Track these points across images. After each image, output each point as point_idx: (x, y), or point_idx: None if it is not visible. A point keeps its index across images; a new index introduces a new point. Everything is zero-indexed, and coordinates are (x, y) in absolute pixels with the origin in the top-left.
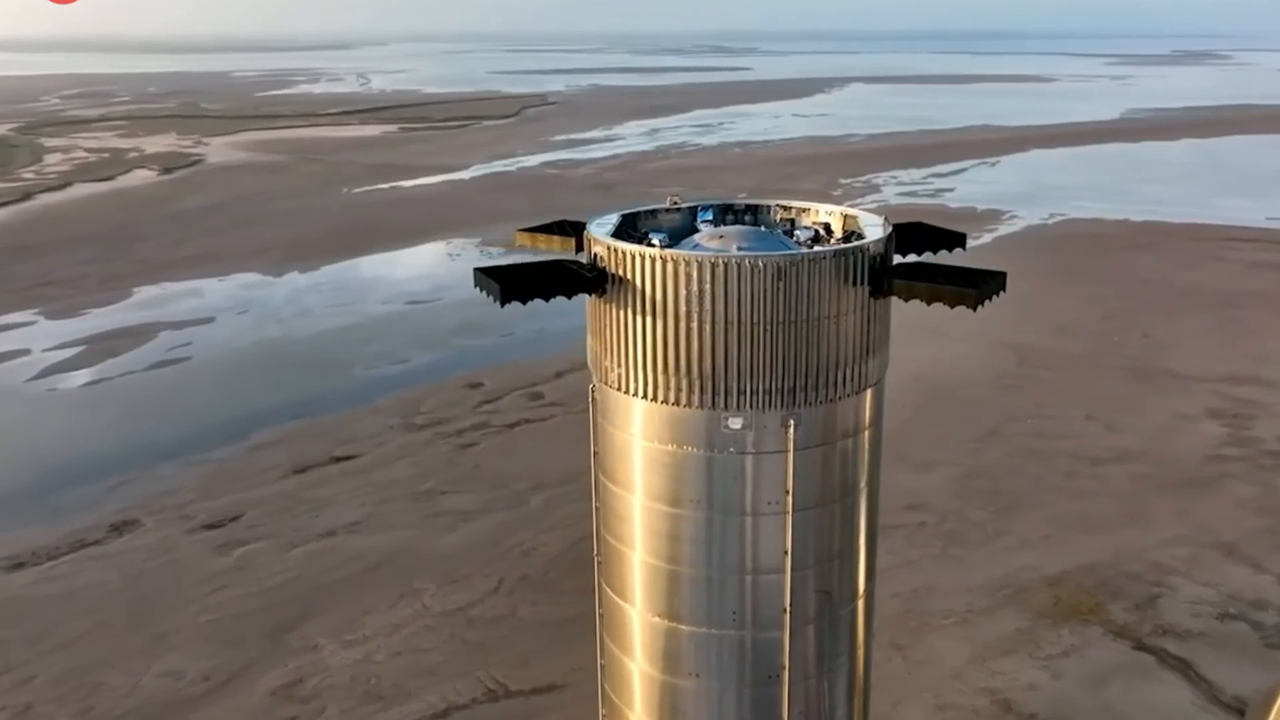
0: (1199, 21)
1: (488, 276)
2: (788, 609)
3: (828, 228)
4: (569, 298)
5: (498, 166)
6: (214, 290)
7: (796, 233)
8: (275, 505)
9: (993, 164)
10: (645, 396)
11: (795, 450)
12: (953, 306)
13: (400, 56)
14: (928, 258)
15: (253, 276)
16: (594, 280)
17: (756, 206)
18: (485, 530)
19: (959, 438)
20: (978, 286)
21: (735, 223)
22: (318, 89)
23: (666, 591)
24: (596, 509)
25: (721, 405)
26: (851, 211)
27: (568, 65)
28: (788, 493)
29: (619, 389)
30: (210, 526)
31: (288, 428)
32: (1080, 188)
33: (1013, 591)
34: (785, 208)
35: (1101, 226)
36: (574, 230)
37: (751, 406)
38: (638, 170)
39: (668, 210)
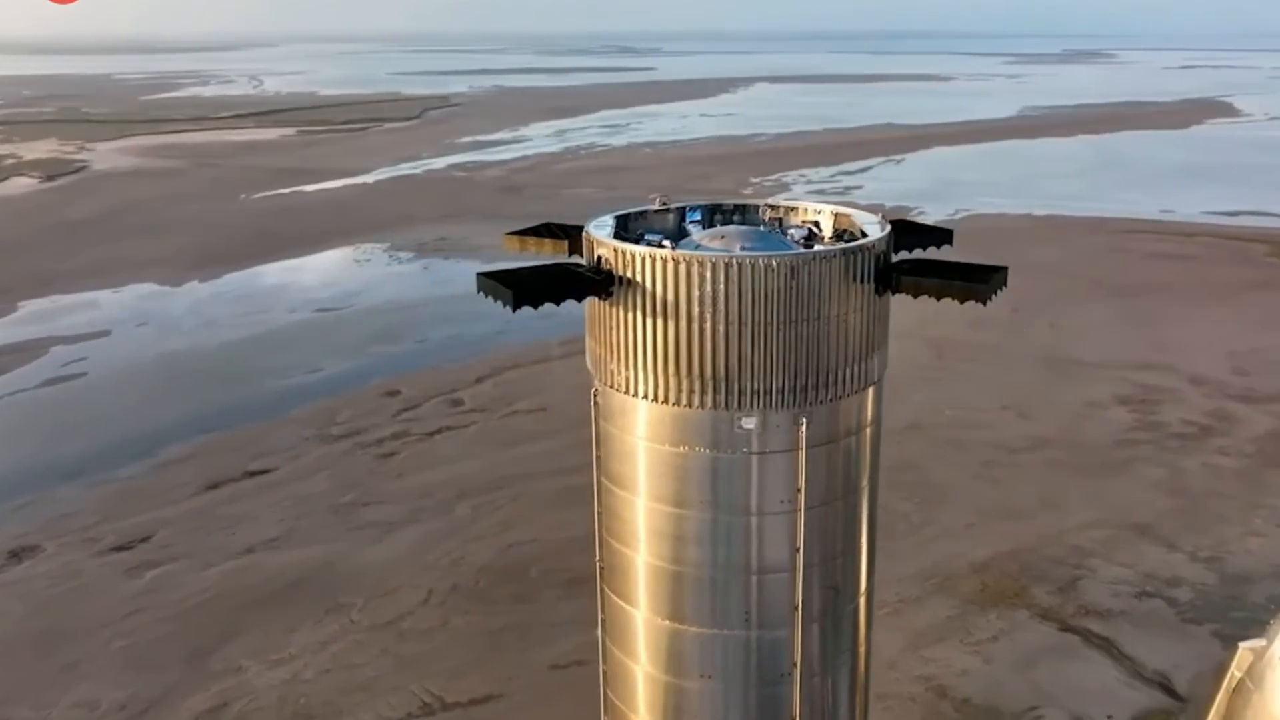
0: (1085, 21)
1: (499, 283)
2: (799, 607)
3: (817, 225)
4: (579, 301)
5: (403, 169)
6: (109, 302)
7: (790, 231)
8: (188, 524)
9: (898, 162)
10: (654, 399)
11: (807, 448)
12: (963, 302)
13: (292, 58)
14: (916, 254)
15: (150, 287)
16: (603, 283)
17: (744, 206)
18: (411, 541)
19: (884, 431)
20: (988, 281)
21: (723, 222)
22: (208, 92)
23: (672, 593)
24: (599, 513)
25: (735, 405)
26: (843, 209)
27: (469, 66)
28: (799, 491)
29: (626, 392)
30: (119, 549)
31: (196, 443)
32: (983, 184)
33: (941, 580)
34: (773, 207)
35: (1006, 221)
36: (563, 233)
37: (765, 406)
38: (548, 172)
39: (657, 211)
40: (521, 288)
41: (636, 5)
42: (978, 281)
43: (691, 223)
